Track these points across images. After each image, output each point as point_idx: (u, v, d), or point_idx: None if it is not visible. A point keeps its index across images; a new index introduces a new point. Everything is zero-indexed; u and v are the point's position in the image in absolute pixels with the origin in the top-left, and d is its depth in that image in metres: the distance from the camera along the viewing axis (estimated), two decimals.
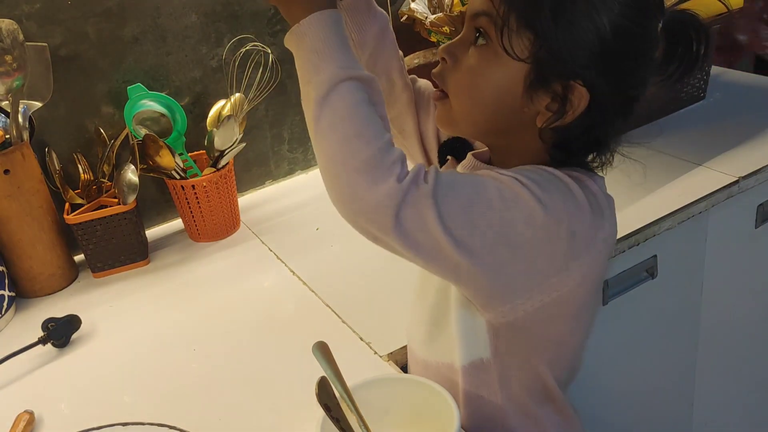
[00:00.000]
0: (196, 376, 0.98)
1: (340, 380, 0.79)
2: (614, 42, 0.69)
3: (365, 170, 0.62)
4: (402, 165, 0.64)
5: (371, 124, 0.63)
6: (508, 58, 0.69)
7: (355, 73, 0.65)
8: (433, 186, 0.63)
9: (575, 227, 0.70)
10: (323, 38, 0.65)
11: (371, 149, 0.62)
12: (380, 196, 0.62)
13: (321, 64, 0.64)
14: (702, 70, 1.48)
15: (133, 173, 1.20)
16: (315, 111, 0.64)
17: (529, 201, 0.67)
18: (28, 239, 1.15)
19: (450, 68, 0.75)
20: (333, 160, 0.63)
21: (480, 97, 0.73)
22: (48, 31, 1.18)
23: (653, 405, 1.39)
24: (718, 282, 1.35)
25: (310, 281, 1.14)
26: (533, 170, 0.72)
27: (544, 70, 0.70)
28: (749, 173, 1.25)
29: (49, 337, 1.04)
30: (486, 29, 0.71)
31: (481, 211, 0.65)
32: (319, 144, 0.64)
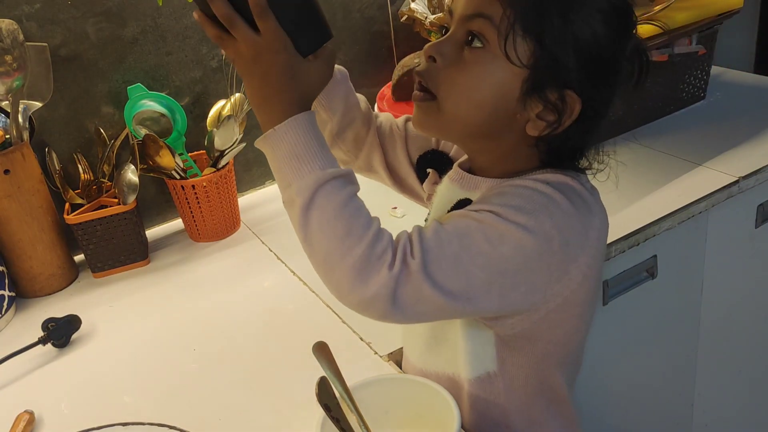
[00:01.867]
0: (196, 376, 0.98)
1: (340, 380, 0.79)
2: (604, 50, 0.70)
3: (359, 267, 0.64)
4: (391, 250, 0.65)
5: (358, 218, 0.65)
6: (507, 62, 0.69)
7: (336, 172, 0.66)
8: (420, 259, 0.65)
9: (567, 236, 0.70)
10: (303, 142, 0.66)
11: (362, 245, 0.64)
12: (376, 288, 0.64)
13: (303, 167, 0.66)
14: (702, 70, 1.48)
15: (133, 173, 1.20)
16: (302, 215, 0.65)
17: (515, 233, 0.67)
18: (28, 239, 1.15)
19: (440, 68, 0.73)
20: (326, 260, 0.66)
21: (477, 100, 0.72)
22: (48, 31, 1.18)
23: (653, 405, 1.39)
24: (718, 282, 1.35)
25: (310, 281, 1.14)
26: (513, 193, 0.71)
27: (542, 76, 0.70)
28: (749, 173, 1.25)
29: (49, 337, 1.04)
30: (484, 32, 0.70)
31: (471, 260, 0.66)
32: (309, 245, 0.66)
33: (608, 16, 0.69)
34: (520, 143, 0.74)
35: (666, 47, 1.37)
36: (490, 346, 0.77)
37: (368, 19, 1.46)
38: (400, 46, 1.50)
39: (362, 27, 1.46)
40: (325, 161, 0.66)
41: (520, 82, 0.70)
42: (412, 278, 0.64)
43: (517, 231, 0.67)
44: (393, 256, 0.65)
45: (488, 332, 0.76)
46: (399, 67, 1.40)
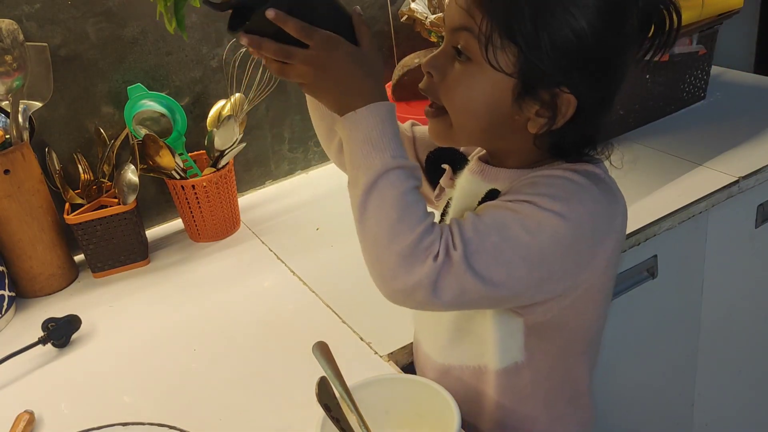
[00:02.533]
0: (196, 376, 0.98)
1: (340, 380, 0.79)
2: (594, 45, 0.69)
3: (407, 254, 0.66)
4: (439, 243, 0.67)
5: (415, 209, 0.67)
6: (493, 71, 0.70)
7: (404, 162, 0.68)
8: (462, 250, 0.67)
9: (596, 222, 0.73)
10: (380, 129, 0.69)
11: (414, 234, 0.66)
12: (419, 277, 0.66)
13: (374, 152, 0.68)
14: (702, 70, 1.48)
15: (133, 173, 1.19)
16: (363, 196, 0.68)
17: (551, 220, 0.69)
18: (28, 239, 1.15)
19: (438, 83, 0.75)
20: (376, 243, 0.68)
21: (473, 110, 0.74)
22: (48, 31, 1.18)
23: (654, 405, 1.39)
24: (718, 282, 1.35)
25: (310, 281, 1.14)
26: (545, 183, 0.72)
27: (530, 80, 0.70)
28: (749, 173, 1.25)
29: (49, 337, 1.04)
30: (468, 45, 0.71)
31: (512, 251, 0.69)
32: (362, 227, 0.69)
33: (591, 11, 0.68)
34: (526, 140, 0.75)
35: None
36: (519, 335, 0.78)
37: (369, 19, 1.46)
38: (400, 46, 1.50)
39: None
40: (396, 151, 0.68)
41: (510, 88, 0.71)
42: (454, 269, 0.66)
43: (554, 218, 0.69)
44: (437, 251, 0.66)
45: (517, 321, 0.77)
46: (399, 67, 1.40)
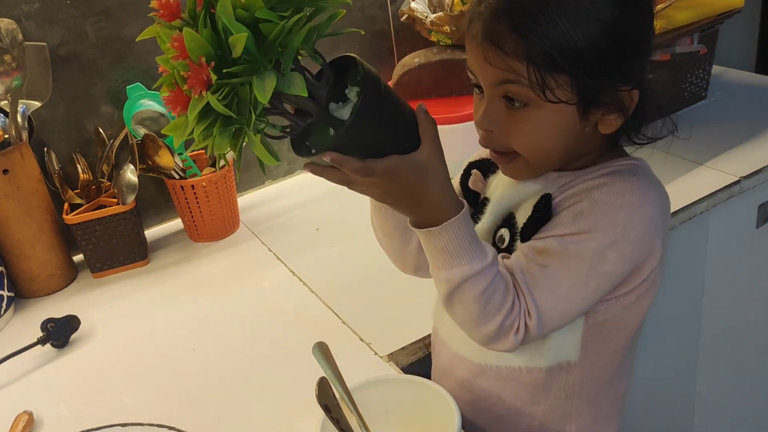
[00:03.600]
0: (196, 377, 0.98)
1: (340, 381, 0.78)
2: (626, 33, 0.71)
3: (492, 336, 0.74)
4: (518, 321, 0.73)
5: (495, 300, 0.72)
6: (554, 105, 0.71)
7: (480, 266, 0.71)
8: (537, 321, 0.73)
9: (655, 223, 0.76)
10: (455, 242, 0.71)
11: (496, 322, 0.72)
12: (504, 347, 0.74)
13: (452, 261, 0.72)
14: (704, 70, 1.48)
15: (133, 173, 1.19)
16: (446, 297, 0.74)
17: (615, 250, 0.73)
18: (27, 239, 1.15)
19: (500, 135, 0.75)
20: (464, 325, 0.76)
21: (550, 146, 0.75)
22: (47, 30, 1.18)
23: (654, 405, 1.38)
24: (719, 282, 1.34)
25: (310, 281, 1.14)
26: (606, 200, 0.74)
27: (589, 95, 0.72)
28: (750, 173, 1.25)
29: (49, 338, 1.04)
30: (519, 93, 0.71)
31: (583, 295, 0.74)
32: (450, 312, 0.76)
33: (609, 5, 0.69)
34: (592, 139, 0.77)
35: (667, 47, 1.37)
36: (577, 334, 0.80)
37: (369, 18, 1.46)
38: (400, 45, 1.50)
39: (363, 26, 1.46)
40: (472, 255, 0.71)
41: (574, 110, 0.72)
42: (531, 336, 0.73)
43: (618, 246, 0.73)
44: (518, 324, 0.73)
45: (579, 320, 0.79)
46: (399, 67, 1.40)
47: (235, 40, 0.56)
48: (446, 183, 0.72)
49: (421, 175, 0.69)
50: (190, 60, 0.57)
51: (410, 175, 0.69)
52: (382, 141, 0.67)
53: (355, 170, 0.66)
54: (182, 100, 0.59)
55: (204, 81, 0.57)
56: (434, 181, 0.70)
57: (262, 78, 0.58)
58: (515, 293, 0.73)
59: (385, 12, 1.47)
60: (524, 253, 0.75)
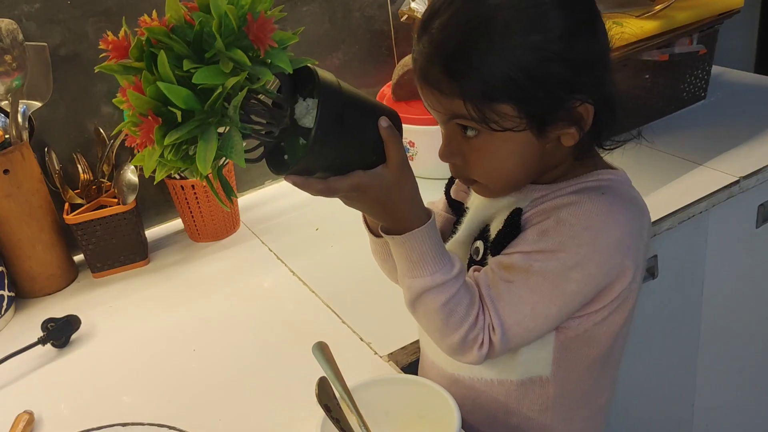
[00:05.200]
0: (196, 377, 0.98)
1: (340, 380, 0.79)
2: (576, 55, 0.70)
3: (454, 348, 0.74)
4: (482, 334, 0.73)
5: (457, 312, 0.72)
6: (505, 133, 0.71)
7: (442, 278, 0.72)
8: (501, 336, 0.73)
9: (625, 241, 0.74)
10: (419, 252, 0.72)
11: (459, 334, 0.73)
12: (469, 360, 0.75)
13: (415, 271, 0.73)
14: (703, 70, 1.48)
15: (133, 173, 1.19)
16: (409, 305, 0.75)
17: (580, 270, 0.72)
18: (28, 239, 1.15)
19: (463, 167, 0.76)
20: (430, 335, 0.77)
21: (508, 170, 0.75)
22: (47, 30, 1.18)
23: (654, 405, 1.38)
24: (718, 282, 1.34)
25: (310, 281, 1.14)
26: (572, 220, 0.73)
27: (540, 117, 0.71)
28: (750, 173, 1.25)
29: (49, 338, 1.04)
30: (468, 124, 0.72)
31: (547, 312, 0.74)
32: (416, 319, 0.77)
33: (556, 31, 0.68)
34: (555, 154, 0.76)
35: (667, 47, 1.37)
36: (548, 349, 0.79)
37: (368, 18, 1.46)
38: (400, 45, 1.50)
39: (362, 26, 1.46)
40: (435, 267, 0.72)
41: (528, 132, 0.72)
42: (496, 350, 0.74)
43: (582, 266, 0.72)
44: (482, 338, 0.73)
45: (549, 336, 0.78)
46: (399, 67, 1.40)
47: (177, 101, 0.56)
48: (412, 196, 0.73)
49: (387, 191, 0.70)
50: (140, 114, 0.57)
51: (376, 191, 0.70)
52: (349, 151, 0.68)
53: (318, 191, 0.68)
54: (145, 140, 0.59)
55: (152, 139, 0.57)
56: (400, 197, 0.71)
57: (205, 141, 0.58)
58: (480, 307, 0.73)
59: (385, 12, 1.47)
60: (491, 268, 0.75)
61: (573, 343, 0.79)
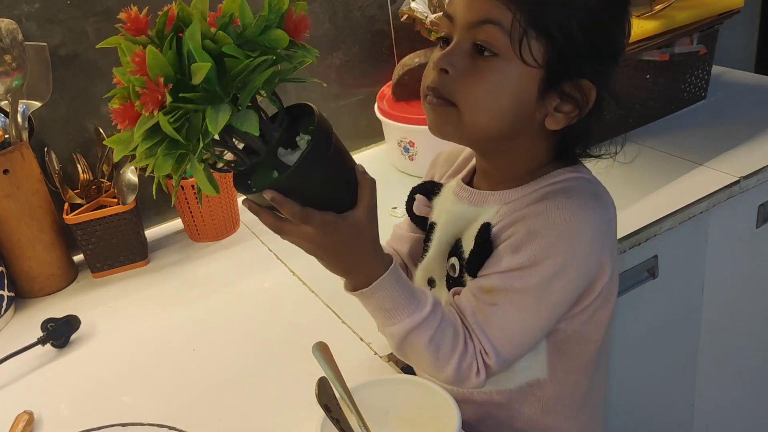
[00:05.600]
0: (196, 377, 0.98)
1: (340, 381, 0.78)
2: (610, 30, 0.71)
3: (452, 379, 0.74)
4: (475, 362, 0.73)
5: (445, 346, 0.72)
6: (521, 66, 0.69)
7: (422, 316, 0.72)
8: (495, 358, 0.73)
9: (598, 240, 0.74)
10: (390, 298, 0.72)
11: (450, 368, 0.73)
12: (469, 386, 0.75)
13: (392, 318, 0.72)
14: (703, 70, 1.48)
15: (133, 173, 1.19)
16: (397, 349, 0.75)
17: (559, 277, 0.72)
18: (28, 239, 1.15)
19: (454, 79, 0.72)
20: (426, 372, 0.77)
21: (498, 108, 0.72)
22: (47, 30, 1.18)
23: (654, 405, 1.38)
24: (719, 282, 1.34)
25: (310, 281, 1.14)
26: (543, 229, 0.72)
27: (557, 71, 0.70)
28: (750, 173, 1.25)
29: (49, 338, 1.04)
30: (494, 39, 0.69)
31: (536, 326, 0.75)
32: (408, 362, 0.79)
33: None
34: (536, 140, 0.75)
35: (667, 47, 1.37)
36: (541, 354, 0.79)
37: (368, 18, 1.46)
38: (400, 45, 1.50)
39: (363, 26, 1.46)
40: (411, 308, 0.72)
41: (537, 82, 0.71)
42: (494, 371, 0.74)
43: (560, 273, 0.72)
44: (477, 366, 0.73)
45: (540, 341, 0.78)
46: (399, 67, 1.40)
47: (197, 68, 0.56)
48: (376, 242, 0.72)
49: (356, 234, 0.69)
50: (148, 78, 0.56)
51: (345, 233, 0.69)
52: (324, 192, 0.68)
53: (293, 214, 0.66)
54: (131, 115, 0.58)
55: (158, 100, 0.56)
56: (367, 241, 0.70)
57: (216, 109, 0.57)
58: (465, 336, 0.73)
59: (385, 12, 1.47)
60: (473, 293, 0.75)
61: (565, 344, 0.79)
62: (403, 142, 1.36)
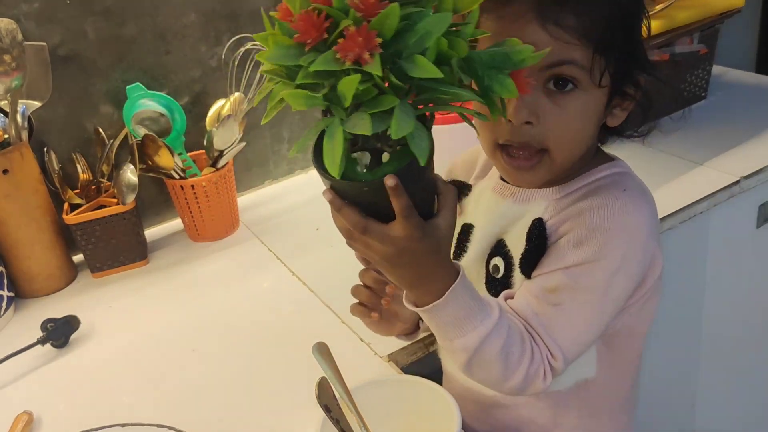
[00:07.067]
0: (195, 377, 0.97)
1: (340, 381, 0.78)
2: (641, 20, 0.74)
3: (518, 387, 0.71)
4: (542, 367, 0.70)
5: (514, 354, 0.69)
6: (597, 90, 0.70)
7: (491, 323, 0.68)
8: (562, 359, 0.71)
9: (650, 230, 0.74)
10: (464, 307, 0.67)
11: (519, 376, 0.70)
12: (534, 391, 0.72)
13: (464, 327, 0.67)
14: (704, 70, 1.48)
15: (133, 173, 1.19)
16: (466, 364, 0.70)
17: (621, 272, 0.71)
18: (27, 239, 1.15)
19: (541, 126, 0.71)
20: (490, 385, 0.74)
21: (585, 136, 0.74)
22: (47, 30, 1.18)
23: (654, 406, 1.38)
24: (719, 282, 1.34)
25: (310, 281, 1.14)
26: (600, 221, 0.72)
27: (620, 82, 0.72)
28: (751, 173, 1.25)
29: (48, 338, 1.03)
30: (572, 74, 0.69)
31: (599, 321, 0.73)
32: (472, 378, 0.73)
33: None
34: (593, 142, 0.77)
35: (667, 46, 1.37)
36: (591, 351, 0.78)
37: None
38: None
39: None
40: (482, 314, 0.67)
41: (607, 96, 0.72)
42: (559, 373, 0.72)
43: (623, 267, 0.71)
44: (544, 370, 0.71)
45: None
46: None
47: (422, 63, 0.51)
48: (449, 254, 0.67)
49: (437, 242, 0.64)
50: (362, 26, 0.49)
51: (429, 240, 0.63)
52: (423, 196, 0.63)
53: (402, 208, 0.60)
54: (317, 34, 0.50)
55: (357, 54, 0.48)
56: (444, 251, 0.66)
57: (406, 113, 0.52)
58: (531, 340, 0.70)
59: None
60: (534, 295, 0.72)
61: (615, 339, 0.78)
62: None
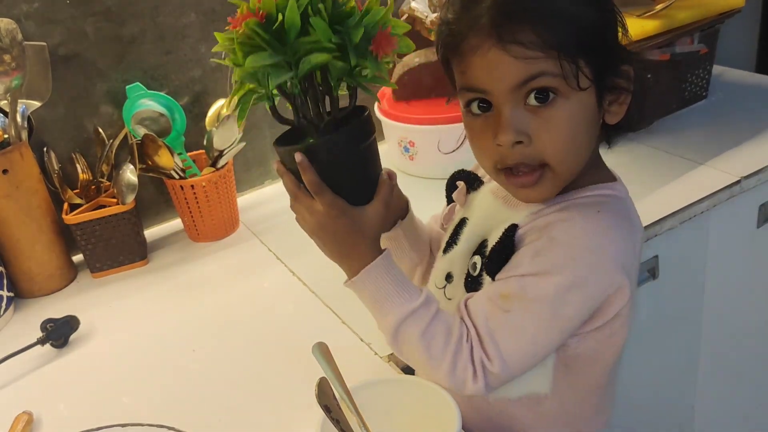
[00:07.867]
0: (195, 377, 0.97)
1: (340, 381, 0.78)
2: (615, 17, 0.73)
3: (448, 380, 0.73)
4: (470, 365, 0.72)
5: (437, 342, 0.72)
6: (579, 93, 0.69)
7: (408, 309, 0.73)
8: (500, 363, 0.71)
9: (621, 260, 0.72)
10: (381, 288, 0.74)
11: (445, 366, 0.72)
12: (469, 393, 0.73)
13: (383, 309, 0.74)
14: (704, 69, 1.48)
15: (132, 173, 1.19)
16: (391, 344, 0.76)
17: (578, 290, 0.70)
18: (27, 239, 1.15)
19: (533, 144, 0.70)
20: (423, 372, 0.77)
21: (581, 141, 0.72)
22: (47, 30, 1.18)
23: (654, 407, 1.38)
24: (720, 282, 1.34)
25: (310, 281, 1.14)
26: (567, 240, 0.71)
27: (605, 78, 0.71)
28: (751, 173, 1.24)
29: (48, 338, 1.03)
30: (550, 85, 0.68)
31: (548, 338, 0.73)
32: (402, 357, 0.78)
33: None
34: (594, 147, 0.76)
35: (668, 46, 1.37)
36: (547, 368, 0.78)
37: None
38: None
39: None
40: (401, 299, 0.73)
41: (594, 95, 0.71)
42: (500, 379, 0.72)
43: (578, 286, 0.70)
44: (473, 370, 0.72)
45: (550, 355, 0.77)
46: (400, 66, 1.40)
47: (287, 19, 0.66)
48: (376, 240, 0.76)
49: (359, 226, 0.74)
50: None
51: (349, 221, 0.74)
52: (344, 179, 0.75)
53: (310, 182, 0.73)
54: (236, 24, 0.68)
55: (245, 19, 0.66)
56: (366, 235, 0.75)
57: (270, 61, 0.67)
58: (463, 337, 0.72)
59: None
60: (488, 297, 0.73)
61: (575, 361, 0.77)
62: (403, 142, 1.36)
